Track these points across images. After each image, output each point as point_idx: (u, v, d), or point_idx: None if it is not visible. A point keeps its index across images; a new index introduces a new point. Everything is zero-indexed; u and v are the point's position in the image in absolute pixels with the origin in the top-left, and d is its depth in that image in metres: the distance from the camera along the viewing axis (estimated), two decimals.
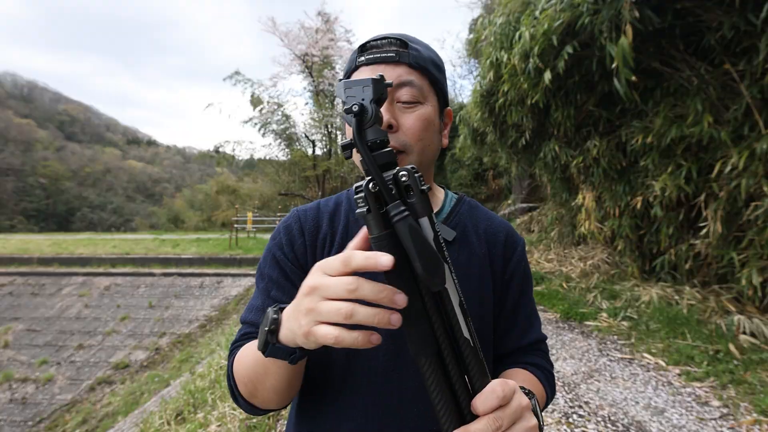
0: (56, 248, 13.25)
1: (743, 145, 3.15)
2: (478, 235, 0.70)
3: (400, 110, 0.61)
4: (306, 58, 16.69)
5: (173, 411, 2.94)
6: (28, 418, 6.71)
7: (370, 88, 0.42)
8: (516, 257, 0.71)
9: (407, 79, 0.61)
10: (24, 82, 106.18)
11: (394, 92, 0.61)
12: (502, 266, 0.70)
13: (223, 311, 9.15)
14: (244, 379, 0.57)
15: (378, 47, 0.62)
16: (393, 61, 0.61)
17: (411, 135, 0.61)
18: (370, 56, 0.62)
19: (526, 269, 0.73)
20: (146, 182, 70.60)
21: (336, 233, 0.68)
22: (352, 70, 0.65)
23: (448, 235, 0.67)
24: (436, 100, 0.65)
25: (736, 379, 2.82)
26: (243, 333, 0.64)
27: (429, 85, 0.63)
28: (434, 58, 0.65)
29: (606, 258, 5.47)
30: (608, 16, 3.13)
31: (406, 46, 0.62)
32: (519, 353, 0.71)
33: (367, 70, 0.62)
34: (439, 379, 0.41)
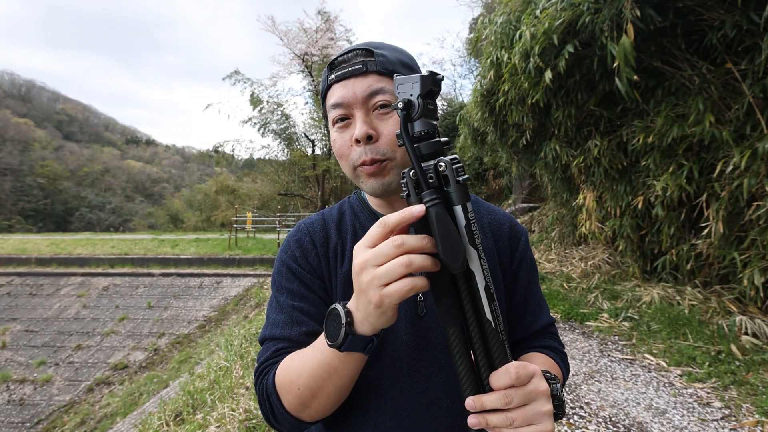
0: (54, 248, 13.21)
1: (745, 145, 3.14)
2: (483, 229, 0.72)
3: (377, 118, 0.61)
4: (306, 57, 16.67)
5: (172, 412, 2.92)
6: (26, 420, 6.68)
7: (419, 84, 0.45)
8: (521, 248, 0.73)
9: (377, 87, 0.61)
10: (22, 81, 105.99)
11: (367, 102, 0.61)
12: (509, 258, 0.72)
13: (222, 312, 9.13)
14: (300, 389, 0.55)
15: (346, 61, 0.63)
16: (361, 73, 0.61)
17: (391, 142, 0.61)
18: (339, 72, 0.62)
19: (531, 258, 0.75)
20: (145, 182, 70.49)
21: (345, 242, 0.69)
22: (326, 89, 0.65)
23: None
24: None
25: (738, 380, 2.81)
26: (276, 349, 0.62)
27: None
28: (402, 59, 0.65)
29: (607, 258, 5.46)
30: (609, 15, 3.12)
31: (372, 55, 0.62)
32: (532, 338, 0.73)
33: (338, 87, 0.62)
34: (461, 349, 0.45)
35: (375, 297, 0.43)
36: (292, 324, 0.63)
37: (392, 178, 0.61)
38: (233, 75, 18.51)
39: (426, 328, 0.64)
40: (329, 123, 0.66)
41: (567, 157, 5.07)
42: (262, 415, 0.62)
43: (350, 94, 0.61)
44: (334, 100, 0.62)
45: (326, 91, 0.65)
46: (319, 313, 0.64)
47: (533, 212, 9.67)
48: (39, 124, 77.86)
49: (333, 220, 0.72)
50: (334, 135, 0.65)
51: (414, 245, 0.42)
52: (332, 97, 0.63)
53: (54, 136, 78.47)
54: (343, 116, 0.62)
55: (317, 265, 0.67)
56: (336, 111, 0.62)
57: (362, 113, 0.61)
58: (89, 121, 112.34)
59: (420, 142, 0.45)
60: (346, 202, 0.76)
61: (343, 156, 0.64)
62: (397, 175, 0.61)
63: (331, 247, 0.69)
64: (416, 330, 0.63)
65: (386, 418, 0.62)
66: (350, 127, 0.62)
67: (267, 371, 0.61)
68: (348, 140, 0.62)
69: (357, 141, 0.60)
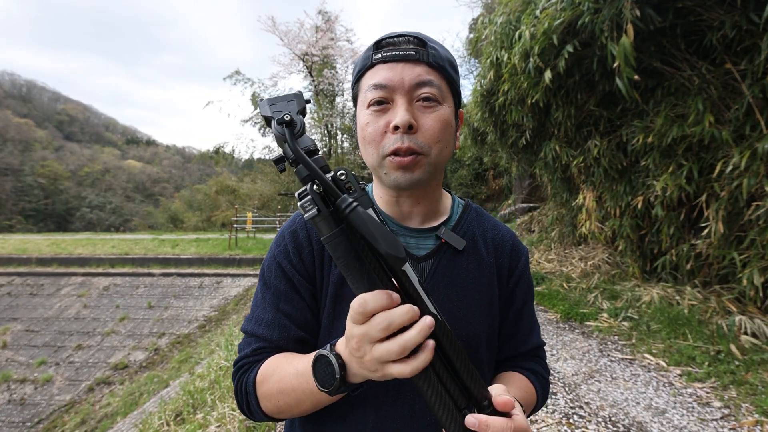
0: (55, 248, 13.22)
1: (744, 145, 3.14)
2: (486, 243, 0.70)
3: (420, 110, 0.59)
4: (306, 57, 16.67)
5: (172, 412, 2.92)
6: (26, 419, 6.68)
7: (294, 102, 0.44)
8: (520, 267, 0.72)
9: (427, 79, 0.58)
10: (23, 81, 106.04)
11: (413, 91, 0.58)
12: (507, 276, 0.71)
13: (222, 311, 9.14)
14: (280, 403, 0.56)
15: (395, 44, 0.60)
16: (412, 60, 0.58)
17: (430, 136, 0.59)
18: (388, 53, 0.59)
19: (529, 279, 0.74)
20: (145, 182, 70.51)
21: None
22: (367, 68, 0.62)
23: (458, 244, 0.66)
24: (453, 102, 0.63)
25: (738, 379, 2.81)
26: (256, 348, 0.62)
27: (447, 85, 0.62)
28: (451, 59, 0.64)
29: (607, 258, 5.46)
30: (609, 15, 3.12)
31: (424, 45, 0.60)
32: (518, 358, 0.73)
33: (384, 68, 0.59)
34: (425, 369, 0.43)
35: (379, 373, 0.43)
36: (275, 326, 0.62)
37: (421, 174, 0.59)
38: (234, 75, 18.53)
39: None
40: (360, 103, 0.62)
41: (567, 157, 5.07)
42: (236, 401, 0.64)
43: (397, 78, 0.58)
44: (377, 80, 0.59)
45: (367, 70, 0.61)
46: (302, 318, 0.63)
47: (533, 212, 9.67)
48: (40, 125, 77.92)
49: None
50: (366, 117, 0.60)
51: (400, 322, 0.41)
52: (374, 77, 0.59)
53: (54, 137, 78.54)
54: (382, 99, 0.59)
55: (310, 263, 0.64)
56: (376, 92, 0.59)
57: (405, 101, 0.58)
58: (90, 121, 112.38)
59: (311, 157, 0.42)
60: None
61: (372, 141, 0.60)
62: (427, 173, 0.60)
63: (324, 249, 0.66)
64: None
65: (367, 428, 0.61)
66: (387, 113, 0.59)
67: (247, 369, 0.62)
68: (383, 126, 0.59)
69: (395, 128, 0.57)
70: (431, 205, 0.67)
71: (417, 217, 0.67)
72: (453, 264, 0.65)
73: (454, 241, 0.65)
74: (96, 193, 56.48)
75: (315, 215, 0.40)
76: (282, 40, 16.35)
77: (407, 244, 0.66)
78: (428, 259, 0.65)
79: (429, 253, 0.65)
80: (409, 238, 0.66)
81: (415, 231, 0.67)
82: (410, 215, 0.67)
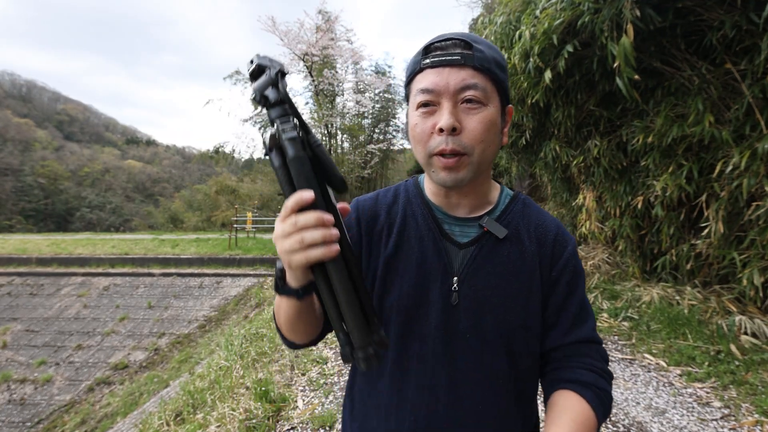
0: (55, 248, 13.22)
1: (744, 145, 3.14)
2: (529, 233, 0.71)
3: (464, 112, 0.62)
4: (306, 57, 16.66)
5: (172, 412, 2.92)
6: (26, 419, 6.68)
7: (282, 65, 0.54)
8: (565, 257, 0.71)
9: (471, 83, 0.61)
10: (23, 81, 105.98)
11: (458, 94, 0.62)
12: (550, 265, 0.71)
13: (222, 311, 9.13)
14: (281, 320, 0.67)
15: (442, 48, 0.63)
16: (458, 64, 0.61)
17: (473, 137, 0.62)
18: (435, 59, 0.62)
19: (576, 269, 0.72)
20: (145, 182, 70.47)
21: (393, 225, 0.73)
22: (416, 72, 0.65)
23: (500, 232, 0.69)
24: (499, 101, 0.66)
25: (738, 379, 2.81)
26: None
27: (492, 85, 0.64)
28: (497, 58, 0.65)
29: (607, 258, 5.46)
30: (609, 15, 3.12)
31: (470, 48, 0.62)
32: (561, 355, 0.70)
33: (431, 73, 0.63)
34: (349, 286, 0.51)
35: (286, 262, 0.52)
36: None
37: (465, 174, 0.64)
38: (234, 75, 18.52)
39: (457, 317, 0.66)
40: (411, 104, 0.67)
41: (567, 157, 5.07)
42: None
43: (443, 83, 0.62)
44: (425, 85, 0.63)
45: (416, 75, 0.66)
46: None
47: None
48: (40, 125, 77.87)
49: (386, 202, 0.76)
50: (415, 118, 0.65)
51: (304, 223, 0.48)
52: (423, 82, 0.64)
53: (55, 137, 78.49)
54: (429, 102, 0.63)
55: (356, 242, 0.73)
56: (423, 96, 0.63)
57: (450, 104, 0.62)
58: (90, 121, 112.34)
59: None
60: (403, 186, 0.78)
61: (420, 141, 0.65)
62: (471, 172, 0.64)
63: (377, 228, 0.73)
64: (448, 317, 0.66)
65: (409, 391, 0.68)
66: (434, 115, 0.63)
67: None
68: (430, 127, 0.63)
69: (440, 130, 0.61)
70: (478, 197, 0.72)
71: (464, 208, 0.72)
72: (493, 251, 0.68)
73: (495, 229, 0.69)
74: (96, 193, 56.46)
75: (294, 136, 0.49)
76: (282, 40, 16.34)
77: (452, 231, 0.71)
78: (470, 246, 0.69)
79: (471, 240, 0.69)
80: (454, 226, 0.71)
81: (460, 220, 0.71)
82: (458, 206, 0.72)
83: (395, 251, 0.70)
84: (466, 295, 0.66)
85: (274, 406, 2.63)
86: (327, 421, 2.46)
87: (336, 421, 2.49)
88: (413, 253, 0.70)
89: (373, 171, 22.87)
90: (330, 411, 2.56)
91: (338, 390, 2.91)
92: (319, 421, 2.46)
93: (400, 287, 0.68)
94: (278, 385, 2.97)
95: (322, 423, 2.45)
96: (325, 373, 3.21)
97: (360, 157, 21.10)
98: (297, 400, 2.77)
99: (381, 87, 21.38)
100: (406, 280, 0.68)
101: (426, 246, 0.69)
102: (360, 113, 22.11)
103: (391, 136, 24.85)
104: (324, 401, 2.74)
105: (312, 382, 3.04)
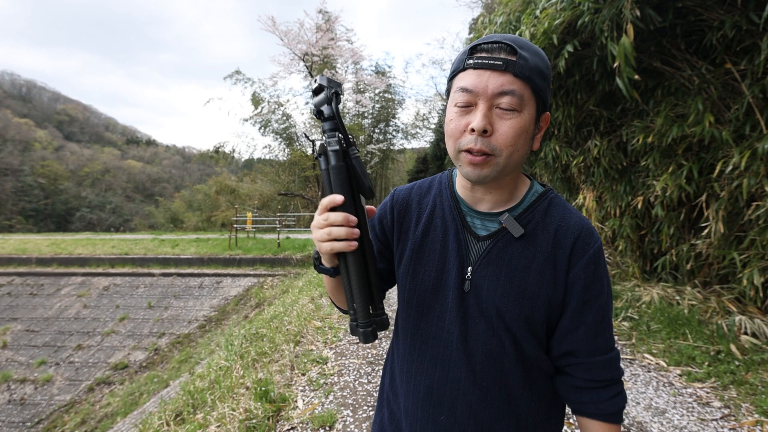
0: (55, 248, 13.22)
1: (744, 145, 3.14)
2: (547, 234, 0.72)
3: (498, 116, 0.65)
4: (306, 57, 16.65)
5: (172, 412, 2.92)
6: (26, 419, 6.69)
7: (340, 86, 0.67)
8: (584, 261, 0.70)
9: (509, 89, 0.64)
10: (22, 81, 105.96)
11: (494, 99, 0.64)
12: (567, 268, 0.71)
13: (222, 312, 9.14)
14: (327, 290, 0.83)
15: (488, 51, 0.65)
16: (499, 69, 0.64)
17: (502, 141, 0.65)
18: (479, 60, 0.65)
19: (597, 274, 0.71)
20: (145, 182, 70.45)
21: (423, 212, 0.81)
22: (459, 71, 0.68)
23: (516, 231, 0.71)
24: (535, 108, 0.68)
25: (738, 379, 2.81)
26: None
27: (531, 92, 0.66)
28: (541, 66, 0.67)
29: (607, 258, 5.46)
30: (609, 15, 3.12)
31: (515, 53, 0.64)
32: (581, 359, 0.73)
33: (473, 74, 0.65)
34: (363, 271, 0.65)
35: (318, 249, 0.66)
36: None
37: (490, 172, 0.67)
38: (234, 75, 18.52)
39: (468, 302, 0.73)
40: (450, 100, 0.70)
41: (567, 157, 5.07)
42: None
43: (482, 86, 0.64)
44: (465, 84, 0.66)
45: (459, 72, 0.68)
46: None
47: None
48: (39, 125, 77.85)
49: (421, 192, 0.84)
50: (451, 115, 0.69)
51: (333, 220, 0.61)
52: (463, 81, 0.66)
53: (54, 137, 78.46)
54: (466, 102, 0.66)
55: (389, 228, 0.84)
56: (462, 95, 0.66)
57: (486, 106, 0.64)
58: (90, 121, 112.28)
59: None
60: (438, 176, 0.86)
61: (453, 136, 0.69)
62: (495, 171, 0.67)
63: (408, 215, 0.82)
64: (460, 301, 0.73)
65: (425, 361, 0.76)
66: (469, 114, 0.66)
67: None
68: (464, 125, 0.66)
69: (472, 130, 0.65)
70: (502, 193, 0.75)
71: (487, 203, 0.75)
72: (507, 248, 0.72)
73: (512, 227, 0.71)
74: (96, 193, 56.44)
75: (337, 149, 0.63)
76: (282, 40, 16.32)
77: (473, 224, 0.76)
78: (487, 239, 0.74)
79: (489, 234, 0.74)
80: (476, 219, 0.76)
81: (482, 214, 0.76)
82: (481, 201, 0.76)
83: (422, 237, 0.79)
84: (476, 284, 0.72)
85: (274, 406, 2.63)
86: (327, 421, 2.46)
87: (336, 421, 2.49)
88: (437, 240, 0.77)
89: (373, 171, 22.88)
90: (330, 411, 2.56)
91: (338, 390, 2.91)
92: (319, 421, 2.45)
93: (424, 270, 0.76)
94: (278, 385, 2.97)
95: (322, 423, 2.44)
96: (325, 373, 3.20)
97: (362, 155, 21.12)
98: (297, 400, 2.77)
99: (381, 87, 21.37)
100: (430, 265, 0.76)
101: (449, 235, 0.76)
102: (360, 113, 22.10)
103: (391, 136, 24.85)
104: (324, 401, 2.74)
105: (312, 382, 3.04)
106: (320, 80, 0.65)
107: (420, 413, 0.74)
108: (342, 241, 0.61)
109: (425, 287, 0.76)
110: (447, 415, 0.72)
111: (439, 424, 0.72)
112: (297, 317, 4.71)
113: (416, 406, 0.75)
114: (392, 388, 0.84)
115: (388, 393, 0.86)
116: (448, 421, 0.72)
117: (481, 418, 0.71)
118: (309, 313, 4.93)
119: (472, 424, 0.71)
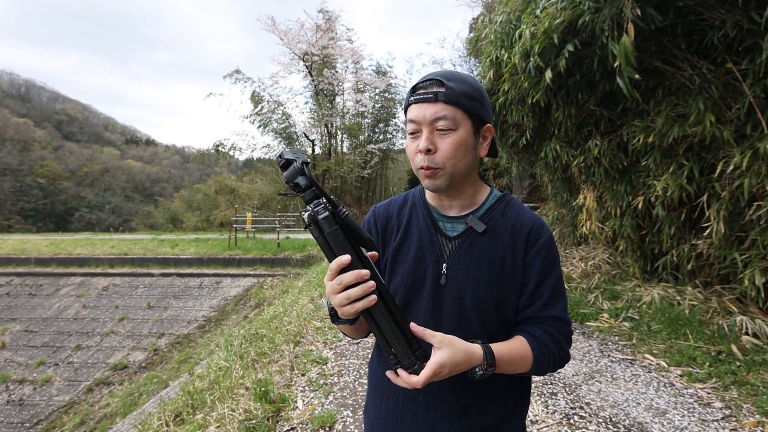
0: (54, 248, 13.20)
1: (746, 145, 3.13)
2: (506, 228, 0.87)
3: (438, 137, 0.80)
4: (306, 57, 16.63)
5: (172, 412, 2.91)
6: (25, 420, 6.67)
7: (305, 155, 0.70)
8: (537, 247, 0.85)
9: (441, 114, 0.79)
10: (21, 80, 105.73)
11: (433, 124, 0.80)
12: (523, 254, 0.85)
13: (222, 312, 9.13)
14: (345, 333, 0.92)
15: (424, 87, 0.82)
16: (432, 101, 0.80)
17: (443, 156, 0.80)
18: (418, 96, 0.81)
19: (548, 258, 0.85)
20: (145, 182, 70.32)
21: (401, 224, 0.93)
22: (407, 107, 0.85)
23: (479, 227, 0.86)
24: (470, 124, 0.82)
25: (739, 380, 2.81)
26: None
27: (463, 113, 0.81)
28: (467, 91, 0.81)
29: (607, 258, 5.46)
30: (610, 15, 3.11)
31: (443, 85, 0.80)
32: (528, 323, 0.86)
33: (415, 108, 0.82)
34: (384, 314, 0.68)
35: (340, 313, 0.70)
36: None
37: (442, 181, 0.82)
38: (234, 74, 18.49)
39: (444, 294, 0.85)
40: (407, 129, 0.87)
41: (567, 157, 5.06)
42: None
43: (421, 116, 0.80)
44: (411, 116, 0.83)
45: (407, 107, 0.86)
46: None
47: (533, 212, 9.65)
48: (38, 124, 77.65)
49: (398, 206, 0.97)
50: (407, 142, 0.86)
51: (348, 281, 0.65)
52: (410, 114, 0.83)
53: (53, 136, 78.27)
54: (414, 130, 0.83)
55: (375, 238, 0.94)
56: (411, 125, 0.83)
57: (428, 131, 0.80)
58: (89, 121, 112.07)
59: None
60: (411, 192, 0.99)
61: (411, 159, 0.85)
62: (447, 180, 0.82)
63: (389, 226, 0.95)
64: (436, 294, 0.85)
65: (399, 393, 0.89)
66: (418, 139, 0.82)
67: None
68: (415, 148, 0.83)
69: (420, 151, 0.81)
70: (465, 199, 0.90)
71: (455, 209, 0.90)
72: (474, 243, 0.86)
73: (476, 225, 0.86)
74: (95, 193, 56.35)
75: (327, 216, 0.64)
76: (282, 40, 16.30)
77: (444, 227, 0.90)
78: (457, 239, 0.87)
79: (458, 234, 0.88)
80: (446, 222, 0.90)
81: (451, 218, 0.90)
82: (449, 207, 0.91)
83: (401, 243, 0.91)
84: (451, 277, 0.85)
85: (274, 406, 2.62)
86: (327, 421, 2.45)
87: (336, 421, 2.48)
88: (414, 244, 0.90)
89: (373, 171, 22.86)
90: (330, 411, 2.55)
91: (338, 390, 2.90)
92: (319, 421, 2.45)
93: (404, 270, 0.89)
94: (278, 385, 2.96)
95: (321, 423, 2.43)
96: (324, 373, 3.20)
97: (360, 157, 21.08)
98: (297, 400, 2.76)
99: (381, 87, 21.35)
100: (408, 265, 0.88)
101: (424, 239, 0.89)
102: (360, 113, 22.08)
103: (391, 136, 24.83)
104: (324, 402, 2.73)
105: (312, 383, 3.03)
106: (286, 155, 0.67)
107: (401, 394, 0.88)
108: (362, 300, 0.66)
109: (405, 285, 0.88)
110: (425, 395, 0.86)
111: (418, 403, 0.87)
112: (297, 317, 4.70)
113: (397, 388, 0.87)
114: (379, 367, 0.95)
115: (375, 374, 0.97)
116: (426, 400, 0.86)
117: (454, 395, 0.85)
118: (309, 313, 4.92)
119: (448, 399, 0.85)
